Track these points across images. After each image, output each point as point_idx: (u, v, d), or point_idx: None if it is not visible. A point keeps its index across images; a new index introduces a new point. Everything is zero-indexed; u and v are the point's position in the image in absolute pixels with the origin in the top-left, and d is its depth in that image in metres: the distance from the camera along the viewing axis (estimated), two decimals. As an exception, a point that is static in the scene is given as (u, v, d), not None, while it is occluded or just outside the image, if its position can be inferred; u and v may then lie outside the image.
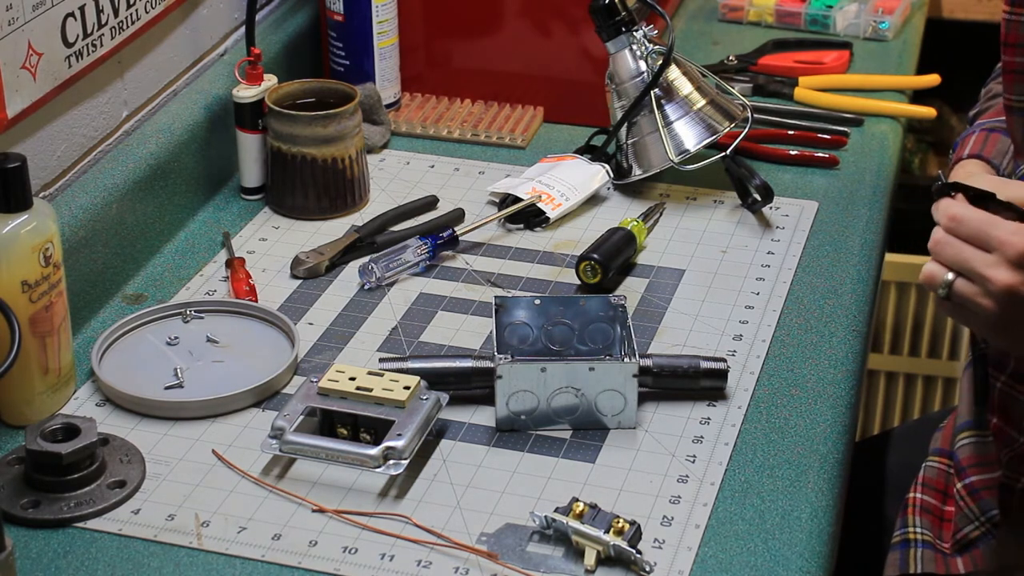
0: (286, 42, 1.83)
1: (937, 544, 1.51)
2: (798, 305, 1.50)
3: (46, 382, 1.31)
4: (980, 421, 1.49)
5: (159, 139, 1.59)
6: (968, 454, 1.50)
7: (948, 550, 1.50)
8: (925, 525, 1.53)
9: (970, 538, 1.48)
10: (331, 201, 1.64)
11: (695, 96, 1.68)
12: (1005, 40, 1.39)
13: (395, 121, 1.84)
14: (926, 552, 1.51)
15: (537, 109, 1.87)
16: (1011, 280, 1.18)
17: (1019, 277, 1.18)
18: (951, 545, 1.49)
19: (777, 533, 1.21)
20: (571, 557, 1.16)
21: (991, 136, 1.52)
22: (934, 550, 1.51)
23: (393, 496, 1.23)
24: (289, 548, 1.18)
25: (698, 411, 1.34)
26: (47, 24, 1.42)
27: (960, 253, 1.20)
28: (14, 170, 1.25)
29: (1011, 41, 1.39)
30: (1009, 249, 1.17)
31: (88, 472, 1.22)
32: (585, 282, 1.51)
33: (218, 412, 1.33)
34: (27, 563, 1.16)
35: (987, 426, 1.48)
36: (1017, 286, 1.18)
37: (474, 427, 1.32)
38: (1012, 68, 1.40)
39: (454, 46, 1.89)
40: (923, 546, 1.52)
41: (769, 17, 2.13)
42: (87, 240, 1.45)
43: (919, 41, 2.14)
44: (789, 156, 1.77)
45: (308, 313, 1.48)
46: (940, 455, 1.56)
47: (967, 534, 1.48)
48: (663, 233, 1.62)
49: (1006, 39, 1.39)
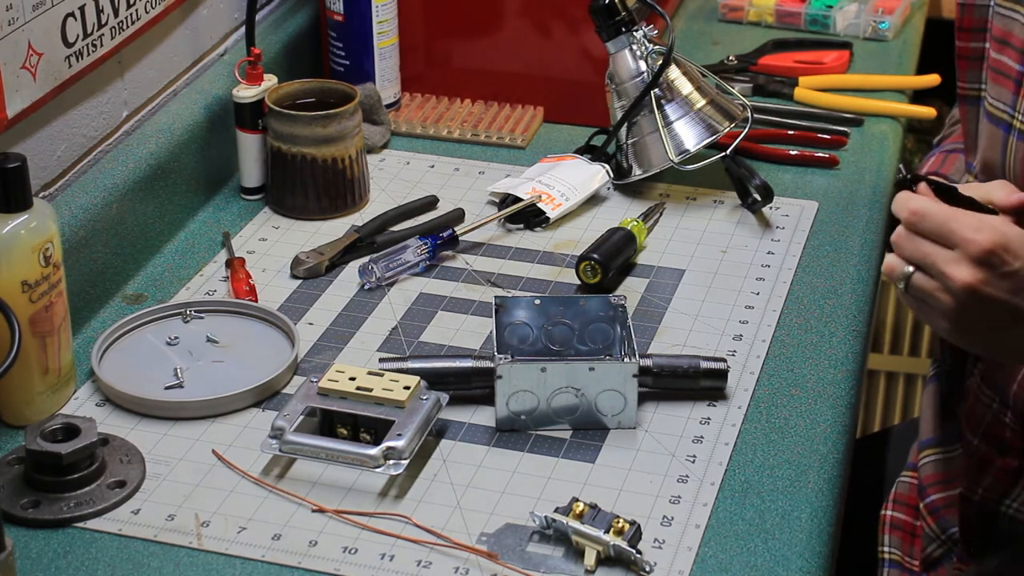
0: (286, 42, 1.83)
1: (906, 562, 1.51)
2: (798, 305, 1.50)
3: (46, 382, 1.31)
4: (944, 437, 1.49)
5: (159, 139, 1.59)
6: (930, 472, 1.49)
7: (917, 568, 1.49)
8: (895, 543, 1.53)
9: (934, 557, 1.48)
10: (331, 201, 1.64)
11: (695, 96, 1.68)
12: (960, 25, 1.38)
13: (395, 121, 1.84)
14: (892, 572, 1.51)
15: (537, 109, 1.87)
16: (971, 278, 1.16)
17: (980, 275, 1.16)
18: (919, 563, 1.49)
19: (777, 533, 1.21)
20: (571, 557, 1.16)
21: (950, 156, 1.52)
22: (902, 569, 1.51)
23: (393, 496, 1.23)
24: (289, 548, 1.18)
25: (698, 411, 1.34)
26: (47, 24, 1.42)
27: (920, 248, 1.19)
28: (14, 170, 1.25)
29: (966, 26, 1.37)
30: (971, 246, 1.15)
31: (88, 472, 1.22)
32: (585, 282, 1.51)
33: (218, 412, 1.33)
34: (27, 563, 1.16)
35: (954, 440, 1.47)
36: (977, 284, 1.16)
37: (474, 427, 1.32)
38: (966, 54, 1.38)
39: (454, 46, 1.89)
40: (890, 566, 1.52)
41: (769, 17, 2.13)
42: (87, 240, 1.45)
43: (919, 41, 2.14)
44: (789, 156, 1.77)
45: (308, 313, 1.48)
46: (912, 469, 1.55)
47: (930, 553, 1.48)
48: (663, 233, 1.62)
49: (961, 24, 1.38)
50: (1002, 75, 1.32)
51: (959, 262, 1.16)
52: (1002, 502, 1.40)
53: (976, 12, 1.35)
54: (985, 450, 1.41)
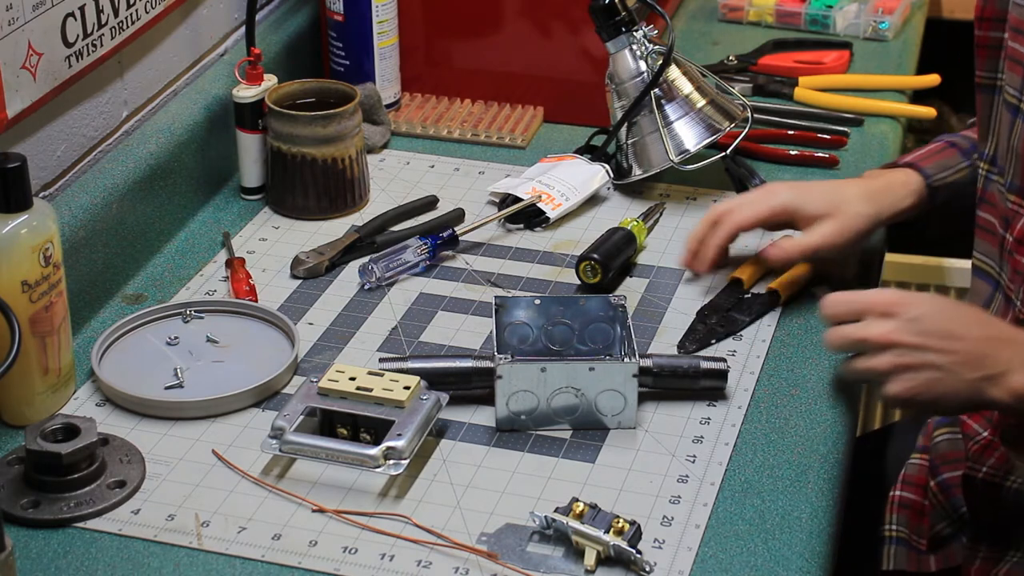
0: (286, 42, 1.83)
1: (913, 540, 1.52)
2: (798, 305, 1.50)
3: (46, 382, 1.31)
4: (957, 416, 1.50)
5: (159, 139, 1.59)
6: (943, 451, 1.50)
7: (924, 547, 1.50)
8: (902, 522, 1.54)
9: (943, 535, 1.48)
10: (331, 201, 1.64)
11: (695, 96, 1.68)
12: (980, 15, 1.39)
13: (395, 121, 1.84)
14: (899, 549, 1.52)
15: (537, 109, 1.87)
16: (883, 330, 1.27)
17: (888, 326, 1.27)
18: (927, 542, 1.50)
19: (777, 533, 1.20)
20: (571, 557, 1.16)
21: (947, 150, 1.52)
22: (908, 547, 1.52)
23: (393, 496, 1.23)
24: (289, 548, 1.18)
25: (698, 411, 1.34)
26: (47, 24, 1.42)
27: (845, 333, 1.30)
28: (14, 170, 1.25)
29: (986, 15, 1.38)
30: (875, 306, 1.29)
31: (88, 472, 1.22)
32: (585, 282, 1.51)
33: (218, 412, 1.33)
34: (27, 563, 1.16)
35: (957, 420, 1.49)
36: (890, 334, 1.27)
37: (474, 427, 1.32)
38: (985, 43, 1.39)
39: (454, 46, 1.88)
40: (897, 543, 1.52)
41: (769, 17, 2.13)
42: (87, 240, 1.45)
43: (919, 41, 2.14)
44: (789, 156, 1.77)
45: (308, 313, 1.48)
46: (922, 452, 1.56)
47: (940, 531, 1.48)
48: (663, 233, 1.62)
49: (981, 13, 1.39)
50: (1015, 62, 1.33)
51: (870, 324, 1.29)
52: (1008, 478, 1.41)
53: (997, 3, 1.37)
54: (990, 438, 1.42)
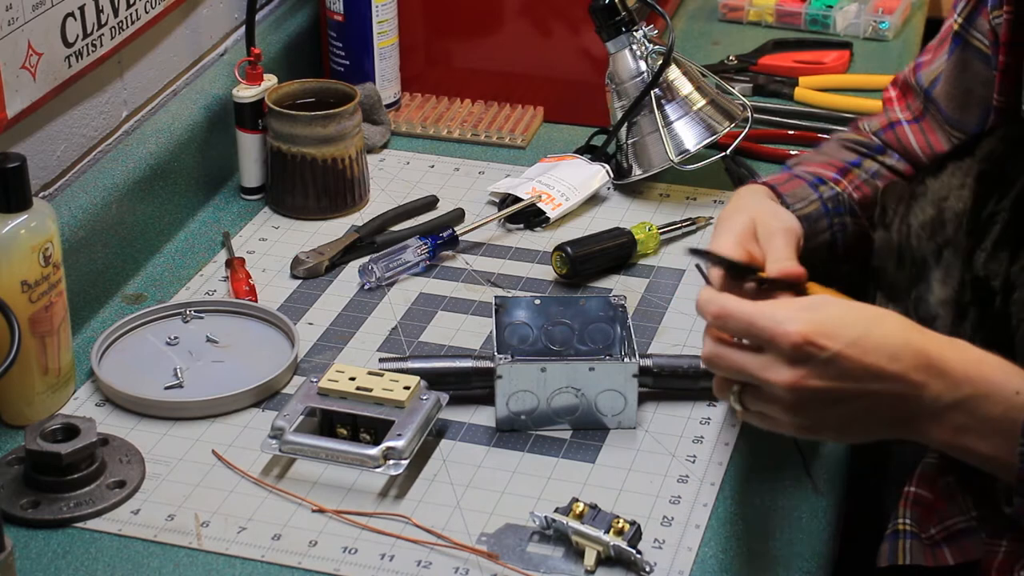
0: (286, 42, 1.83)
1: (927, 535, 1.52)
2: (798, 305, 1.50)
3: (46, 382, 1.31)
4: None
5: (159, 139, 1.59)
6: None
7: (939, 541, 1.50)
8: (914, 517, 1.54)
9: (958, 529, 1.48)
10: (331, 201, 1.64)
11: (695, 96, 1.68)
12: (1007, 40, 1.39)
13: (395, 121, 1.84)
14: (914, 543, 1.52)
15: (537, 109, 1.87)
16: (791, 378, 1.05)
17: (799, 372, 1.05)
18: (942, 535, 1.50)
19: (777, 533, 1.21)
20: (571, 557, 1.16)
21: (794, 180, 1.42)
22: (922, 542, 1.52)
23: (393, 496, 1.23)
24: (289, 548, 1.18)
25: (698, 411, 1.34)
26: (47, 24, 1.42)
27: (733, 362, 1.09)
28: (14, 170, 1.25)
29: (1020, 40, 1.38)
30: (781, 343, 1.05)
31: (88, 472, 1.22)
32: (556, 272, 1.52)
33: (218, 412, 1.33)
34: (27, 563, 1.16)
35: None
36: (799, 381, 1.05)
37: (474, 427, 1.32)
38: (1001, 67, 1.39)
39: (454, 46, 1.89)
40: (911, 537, 1.52)
41: (769, 17, 2.13)
42: (87, 240, 1.45)
43: (919, 41, 2.14)
44: (789, 156, 1.77)
45: (308, 313, 1.48)
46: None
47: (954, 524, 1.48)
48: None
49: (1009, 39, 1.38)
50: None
51: (774, 364, 1.06)
52: None
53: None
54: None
